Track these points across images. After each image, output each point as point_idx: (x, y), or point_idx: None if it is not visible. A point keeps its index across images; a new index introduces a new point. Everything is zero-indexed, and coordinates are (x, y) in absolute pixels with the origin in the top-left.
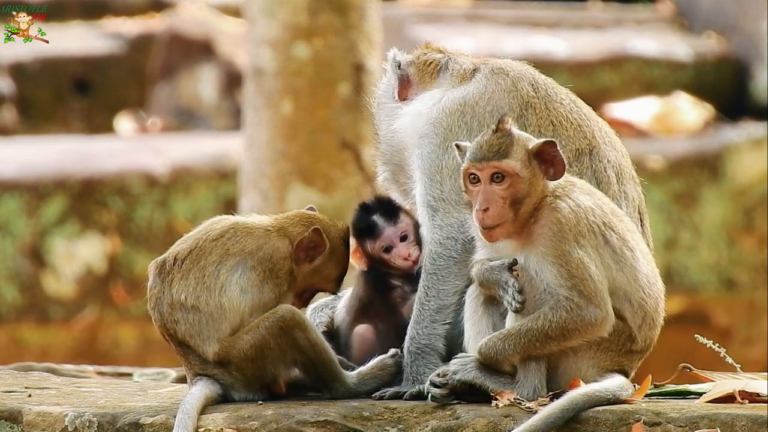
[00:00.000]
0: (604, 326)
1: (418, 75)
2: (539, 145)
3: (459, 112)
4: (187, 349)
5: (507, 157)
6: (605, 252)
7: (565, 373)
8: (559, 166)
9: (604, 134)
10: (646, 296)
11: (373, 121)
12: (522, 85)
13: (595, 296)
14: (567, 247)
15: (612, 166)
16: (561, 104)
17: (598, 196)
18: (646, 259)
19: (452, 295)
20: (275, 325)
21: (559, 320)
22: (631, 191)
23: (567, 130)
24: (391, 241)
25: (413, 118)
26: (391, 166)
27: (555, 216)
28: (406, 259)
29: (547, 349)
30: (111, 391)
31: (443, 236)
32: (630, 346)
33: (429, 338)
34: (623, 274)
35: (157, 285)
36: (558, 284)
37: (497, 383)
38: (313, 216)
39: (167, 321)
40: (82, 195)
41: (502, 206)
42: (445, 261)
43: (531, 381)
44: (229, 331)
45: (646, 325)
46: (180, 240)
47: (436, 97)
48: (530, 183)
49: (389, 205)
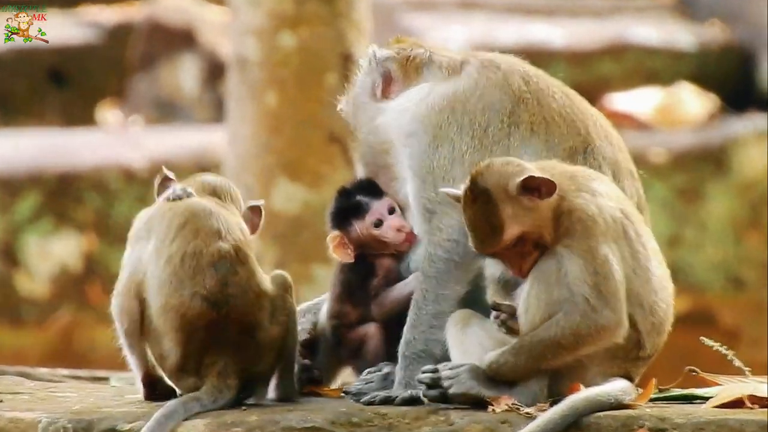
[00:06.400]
0: (618, 332)
1: (401, 71)
2: (519, 187)
3: (449, 108)
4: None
5: (502, 233)
6: (624, 246)
7: (570, 379)
8: (548, 187)
9: (600, 129)
10: (658, 300)
11: (350, 122)
12: (514, 80)
13: (612, 298)
14: (594, 243)
15: (608, 163)
16: (554, 99)
17: (605, 181)
18: (657, 259)
19: (452, 301)
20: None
21: (572, 326)
22: (629, 188)
23: (560, 126)
24: (380, 214)
25: (399, 115)
26: (373, 167)
27: (576, 216)
28: (399, 230)
29: (560, 359)
30: (87, 396)
31: (443, 238)
32: (638, 353)
33: (426, 344)
34: (637, 276)
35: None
36: (582, 279)
37: (494, 390)
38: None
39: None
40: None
41: (531, 254)
42: (445, 264)
43: (531, 387)
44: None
45: (655, 332)
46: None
47: (423, 92)
48: (536, 220)
49: (369, 183)
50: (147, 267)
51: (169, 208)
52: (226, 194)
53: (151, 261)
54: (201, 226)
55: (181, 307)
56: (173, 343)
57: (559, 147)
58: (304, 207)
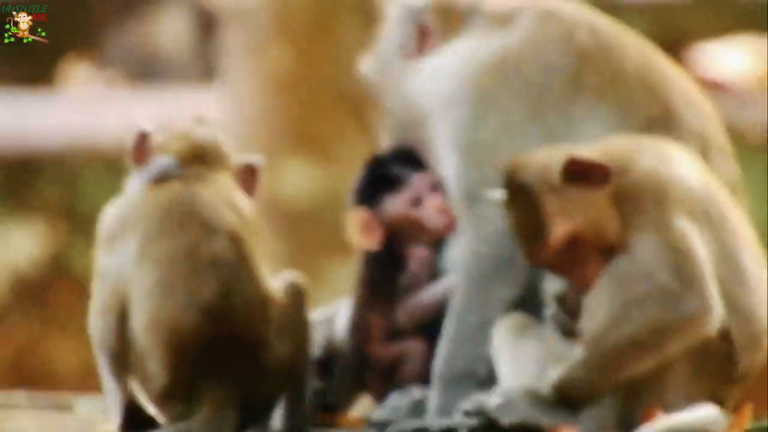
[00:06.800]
0: (706, 320)
1: (439, 22)
2: (562, 174)
3: (498, 68)
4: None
5: (549, 233)
6: (705, 230)
7: (645, 404)
8: (599, 171)
9: (685, 95)
10: (757, 303)
11: (375, 87)
12: (579, 33)
13: (696, 281)
14: (667, 213)
15: (695, 138)
16: (627, 57)
17: (687, 156)
18: (753, 253)
19: (500, 307)
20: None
21: (649, 318)
22: (721, 168)
23: (635, 92)
24: (420, 190)
25: (436, 78)
26: (403, 143)
27: (641, 185)
28: (443, 212)
29: (642, 363)
30: (47, 426)
31: (490, 231)
32: (730, 371)
33: (468, 362)
34: (727, 268)
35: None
36: (657, 261)
37: (554, 417)
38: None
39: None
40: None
41: (595, 259)
42: (493, 263)
43: (599, 413)
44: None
45: (753, 344)
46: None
47: (465, 48)
48: (591, 214)
49: (408, 152)
50: (128, 274)
51: (145, 196)
52: (215, 156)
53: (133, 266)
54: (190, 216)
55: (171, 322)
56: (161, 364)
57: (633, 117)
58: (316, 190)
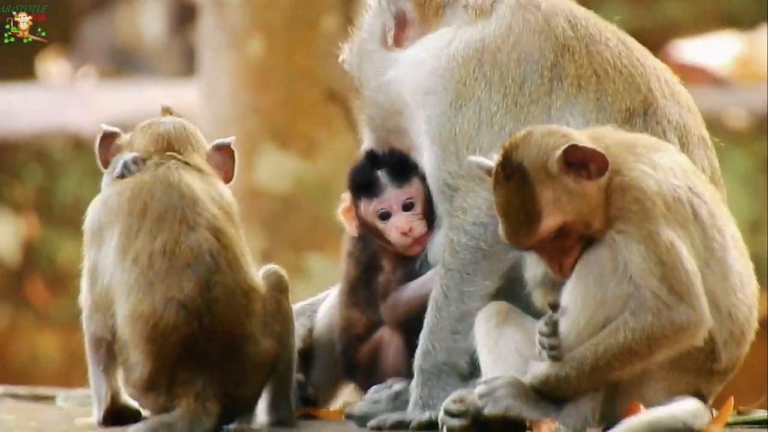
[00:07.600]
0: (697, 331)
1: (418, 11)
2: (561, 157)
3: (475, 59)
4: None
5: (539, 223)
6: (694, 233)
7: (627, 398)
8: (598, 161)
9: (664, 85)
10: (738, 302)
11: (354, 76)
12: (557, 22)
13: (687, 292)
14: (653, 227)
15: (674, 128)
16: (607, 47)
17: (671, 151)
18: (737, 249)
19: (479, 298)
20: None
21: (644, 326)
22: (700, 159)
23: (614, 82)
24: (390, 206)
25: (414, 68)
26: (382, 132)
27: (631, 194)
28: (405, 234)
29: (629, 368)
30: (27, 419)
31: (468, 221)
32: (712, 366)
33: (448, 354)
34: (711, 270)
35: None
36: (647, 271)
37: (537, 411)
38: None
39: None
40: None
41: (575, 248)
42: (471, 254)
43: (582, 407)
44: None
45: (733, 341)
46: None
47: (444, 39)
48: (583, 206)
49: (402, 161)
50: (110, 270)
51: (122, 190)
52: (184, 143)
53: (115, 263)
54: (167, 209)
55: (152, 316)
56: (142, 355)
57: (613, 108)
58: (295, 182)
